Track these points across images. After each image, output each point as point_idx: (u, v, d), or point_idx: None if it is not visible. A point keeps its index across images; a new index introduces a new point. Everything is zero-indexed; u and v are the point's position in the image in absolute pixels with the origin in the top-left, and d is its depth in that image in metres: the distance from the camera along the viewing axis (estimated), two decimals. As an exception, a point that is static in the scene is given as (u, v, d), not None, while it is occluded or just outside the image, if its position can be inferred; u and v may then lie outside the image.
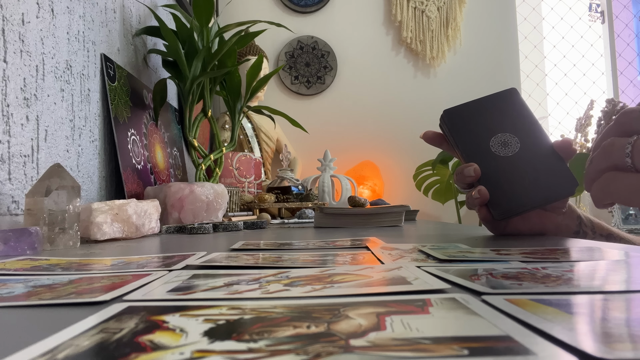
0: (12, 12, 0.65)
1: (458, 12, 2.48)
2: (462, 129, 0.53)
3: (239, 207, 1.28)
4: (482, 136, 0.52)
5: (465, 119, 0.54)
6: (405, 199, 2.36)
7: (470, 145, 0.52)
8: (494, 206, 0.49)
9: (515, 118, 0.53)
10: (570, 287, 0.23)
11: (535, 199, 0.48)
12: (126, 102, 1.03)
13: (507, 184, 0.49)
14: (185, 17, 1.19)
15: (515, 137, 0.51)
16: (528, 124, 0.52)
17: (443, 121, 0.55)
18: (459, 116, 0.54)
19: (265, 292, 0.23)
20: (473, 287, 0.23)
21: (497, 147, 0.51)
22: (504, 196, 0.49)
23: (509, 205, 0.49)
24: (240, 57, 1.97)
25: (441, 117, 0.55)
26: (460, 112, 0.54)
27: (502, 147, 0.51)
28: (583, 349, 0.13)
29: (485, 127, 0.53)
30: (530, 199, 0.48)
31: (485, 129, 0.52)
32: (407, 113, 2.46)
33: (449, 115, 0.55)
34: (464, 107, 0.55)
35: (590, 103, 2.36)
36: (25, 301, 0.23)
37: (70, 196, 0.54)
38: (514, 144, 0.51)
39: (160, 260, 0.38)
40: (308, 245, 0.48)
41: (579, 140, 2.34)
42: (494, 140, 0.51)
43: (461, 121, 0.54)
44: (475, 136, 0.52)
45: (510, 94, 0.55)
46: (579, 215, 0.56)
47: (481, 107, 0.54)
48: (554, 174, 0.49)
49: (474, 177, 0.50)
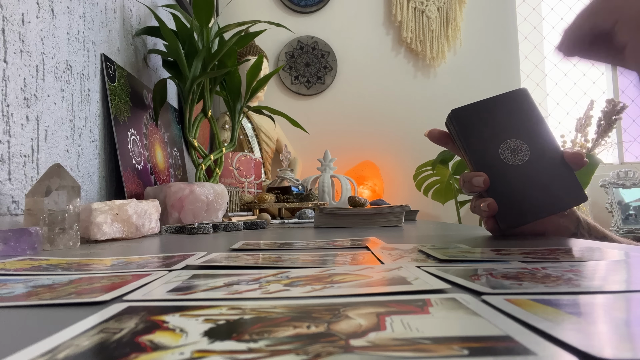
0: (12, 12, 0.65)
1: (458, 12, 2.48)
2: (470, 131, 0.52)
3: (239, 207, 1.28)
4: (492, 141, 0.51)
5: (474, 120, 0.52)
6: (405, 199, 2.36)
7: (479, 151, 0.51)
8: (502, 219, 0.49)
9: (525, 122, 0.51)
10: (570, 287, 0.23)
11: (542, 210, 0.48)
12: (126, 102, 1.03)
13: (516, 195, 0.48)
14: (185, 17, 1.19)
15: (525, 145, 0.50)
16: (538, 129, 0.51)
17: (450, 121, 0.53)
18: (468, 117, 0.52)
19: (265, 292, 0.23)
20: (473, 287, 0.23)
21: (507, 154, 0.50)
22: (512, 209, 0.48)
23: (516, 219, 0.49)
24: (240, 57, 1.97)
25: (448, 116, 0.53)
26: (469, 113, 0.53)
27: (511, 155, 0.50)
28: (583, 349, 0.13)
29: (495, 132, 0.51)
30: (538, 211, 0.48)
31: (494, 134, 0.51)
32: (407, 113, 2.46)
33: (457, 116, 0.53)
34: (472, 108, 0.53)
35: (590, 103, 2.36)
36: (25, 301, 0.23)
37: (70, 196, 0.54)
38: (524, 152, 0.50)
39: (160, 260, 0.38)
40: (308, 246, 0.48)
41: (579, 141, 2.34)
42: (504, 147, 0.50)
43: (469, 123, 0.52)
44: (484, 141, 0.51)
45: (520, 94, 0.53)
46: (578, 217, 0.56)
47: (490, 108, 0.52)
48: (563, 185, 0.48)
49: (483, 188, 0.49)
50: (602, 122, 2.24)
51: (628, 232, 2.22)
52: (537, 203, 0.48)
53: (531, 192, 0.48)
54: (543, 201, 0.48)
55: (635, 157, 2.63)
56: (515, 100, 0.52)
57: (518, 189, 0.49)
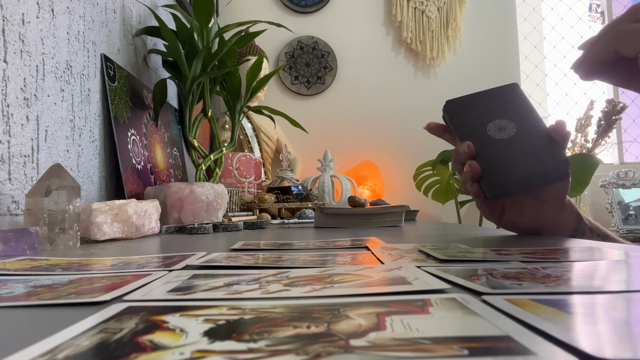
0: (12, 12, 0.65)
1: (458, 12, 2.48)
2: (462, 117, 0.55)
3: (239, 207, 1.28)
4: (481, 122, 0.54)
5: (466, 108, 0.56)
6: (405, 199, 2.36)
7: (468, 130, 0.54)
8: (486, 183, 0.51)
9: (514, 107, 0.54)
10: (570, 287, 0.23)
11: (527, 180, 0.50)
12: (126, 102, 1.03)
13: (500, 163, 0.51)
14: (185, 17, 1.19)
15: (512, 123, 0.53)
16: (526, 112, 0.54)
17: (445, 111, 0.57)
18: (461, 106, 0.56)
19: (265, 292, 0.23)
20: (473, 287, 0.23)
21: (494, 131, 0.53)
22: (497, 174, 0.50)
23: (500, 183, 0.50)
24: (240, 57, 1.97)
25: (444, 107, 0.57)
26: (462, 102, 0.56)
27: (498, 131, 0.53)
28: (583, 349, 0.13)
29: (485, 114, 0.54)
30: (522, 179, 0.50)
31: (484, 116, 0.54)
32: (407, 113, 2.46)
33: (451, 105, 0.56)
34: (465, 98, 0.57)
35: (590, 103, 2.36)
36: (25, 301, 0.23)
37: (70, 196, 0.54)
38: (511, 129, 0.52)
39: (160, 260, 0.38)
40: (308, 246, 0.48)
41: (579, 141, 2.34)
42: (492, 125, 0.53)
43: (462, 110, 0.56)
44: (474, 122, 0.54)
45: (512, 88, 0.57)
46: (579, 214, 0.56)
47: (483, 98, 0.56)
48: (548, 158, 0.50)
49: (468, 153, 0.51)
50: (602, 122, 2.24)
51: (628, 232, 2.21)
52: (521, 174, 0.50)
53: (515, 161, 0.50)
54: (527, 173, 0.50)
55: (635, 157, 2.63)
56: (507, 92, 0.56)
57: (502, 158, 0.51)
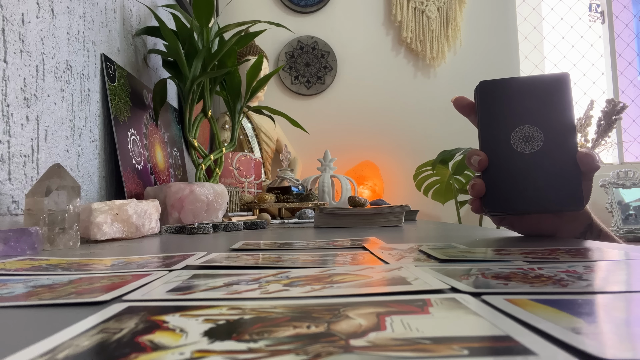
0: (12, 12, 0.65)
1: (458, 12, 2.48)
2: (490, 106, 0.49)
3: (239, 207, 1.28)
4: (508, 122, 0.48)
5: (500, 97, 0.49)
6: (405, 199, 2.36)
7: (492, 130, 0.48)
8: (487, 202, 0.47)
9: (551, 111, 0.47)
10: (570, 287, 0.23)
11: (531, 206, 0.46)
12: (126, 102, 1.03)
13: (510, 183, 0.46)
14: (185, 17, 1.19)
15: (542, 134, 0.47)
16: (563, 120, 0.47)
17: (476, 92, 0.50)
18: (493, 92, 0.49)
19: (265, 292, 0.23)
20: (473, 287, 0.23)
21: (518, 140, 0.47)
22: (501, 195, 0.47)
23: (501, 206, 0.47)
24: (240, 57, 1.97)
25: (477, 87, 0.50)
26: (497, 88, 0.49)
27: (522, 142, 0.47)
28: (583, 349, 0.13)
29: (515, 112, 0.48)
30: (526, 205, 0.46)
31: (514, 114, 0.48)
32: (407, 113, 2.46)
33: (484, 88, 0.49)
34: (501, 83, 0.49)
35: (590, 103, 2.36)
36: (25, 301, 0.23)
37: (70, 196, 0.54)
38: (537, 141, 0.47)
39: (160, 260, 0.38)
40: (308, 246, 0.48)
41: (579, 141, 2.34)
42: (518, 132, 0.47)
43: (493, 98, 0.49)
44: (500, 120, 0.48)
45: (561, 80, 0.48)
46: (591, 224, 0.52)
47: (523, 88, 0.48)
48: (565, 186, 0.45)
49: (477, 169, 0.47)
50: (602, 122, 2.24)
51: (628, 232, 2.21)
52: (528, 196, 0.46)
53: (526, 183, 0.46)
54: (536, 197, 0.46)
55: (635, 157, 2.63)
56: (551, 84, 0.48)
57: (514, 177, 0.46)
